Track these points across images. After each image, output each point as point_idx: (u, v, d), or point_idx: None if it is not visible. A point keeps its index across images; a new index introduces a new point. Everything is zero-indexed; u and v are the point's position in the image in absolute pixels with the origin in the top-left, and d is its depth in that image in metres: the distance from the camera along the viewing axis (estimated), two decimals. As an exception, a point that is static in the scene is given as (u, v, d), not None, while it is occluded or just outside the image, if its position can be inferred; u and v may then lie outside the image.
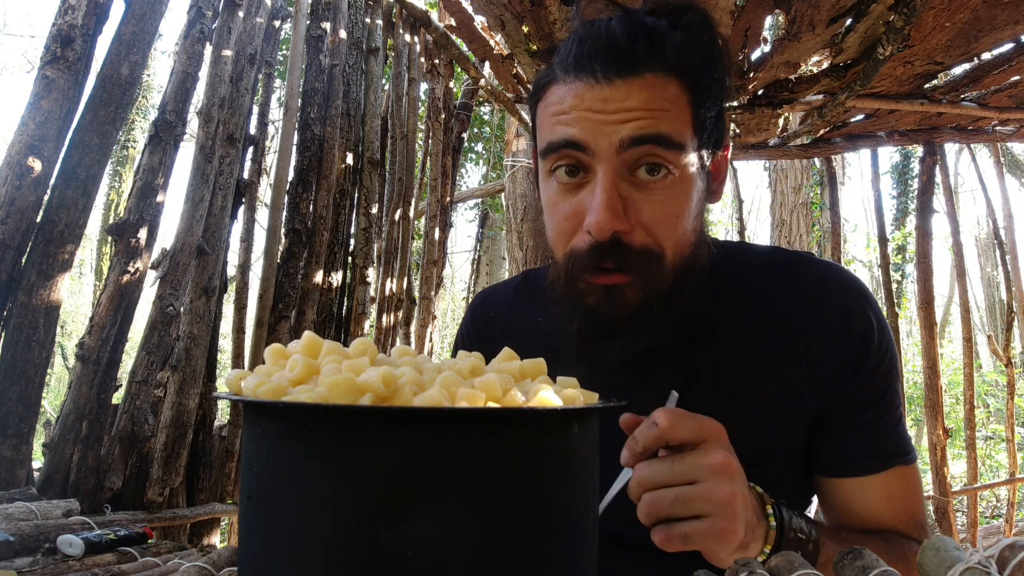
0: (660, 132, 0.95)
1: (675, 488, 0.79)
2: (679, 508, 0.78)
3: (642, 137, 0.94)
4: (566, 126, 0.97)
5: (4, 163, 1.88)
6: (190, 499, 2.51)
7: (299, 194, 3.08)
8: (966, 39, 2.72)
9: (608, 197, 0.94)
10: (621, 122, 0.94)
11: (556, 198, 1.03)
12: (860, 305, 1.08)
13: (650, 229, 0.97)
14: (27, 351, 1.86)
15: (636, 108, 0.94)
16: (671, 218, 0.98)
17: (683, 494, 0.78)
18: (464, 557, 0.49)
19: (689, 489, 0.78)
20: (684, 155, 0.98)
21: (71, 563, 1.04)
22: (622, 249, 0.95)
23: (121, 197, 12.21)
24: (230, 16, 2.62)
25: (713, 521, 0.78)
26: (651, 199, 0.97)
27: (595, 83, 0.96)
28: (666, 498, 0.79)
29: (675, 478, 0.79)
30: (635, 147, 0.94)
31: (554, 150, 0.99)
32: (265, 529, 0.53)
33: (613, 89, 0.95)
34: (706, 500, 0.78)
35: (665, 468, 0.80)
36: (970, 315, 5.03)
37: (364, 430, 0.50)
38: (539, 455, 0.53)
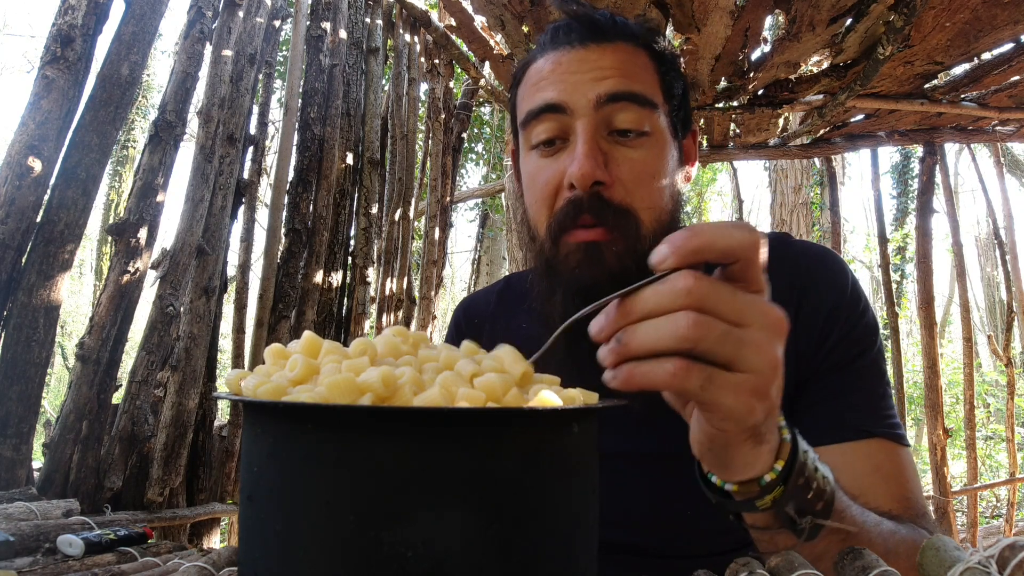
0: (634, 90, 1.00)
1: (728, 324, 0.61)
2: (723, 348, 0.60)
3: (617, 93, 0.99)
4: (544, 91, 1.03)
5: (4, 163, 1.88)
6: (190, 499, 2.51)
7: (299, 194, 3.08)
8: (966, 39, 2.72)
9: (589, 147, 0.98)
10: (597, 80, 1.00)
11: (536, 169, 1.06)
12: (835, 275, 1.08)
13: (628, 187, 0.99)
14: (27, 351, 1.86)
15: (610, 67, 1.01)
16: (648, 177, 1.01)
17: (735, 336, 0.61)
18: (464, 557, 0.49)
19: (740, 331, 0.61)
20: (657, 116, 1.03)
21: (71, 563, 1.04)
22: (601, 203, 0.98)
23: (121, 197, 12.21)
24: (230, 16, 2.62)
25: (748, 379, 0.62)
26: (629, 156, 1.00)
27: (571, 48, 1.04)
28: (717, 329, 0.60)
29: (732, 311, 0.61)
30: (611, 103, 0.99)
31: (534, 116, 1.04)
32: (265, 529, 0.53)
33: (588, 51, 1.03)
34: (755, 352, 0.61)
35: (727, 291, 0.61)
36: (970, 315, 5.04)
37: (364, 430, 0.50)
38: (539, 455, 0.53)
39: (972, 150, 6.27)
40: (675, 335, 0.60)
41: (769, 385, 0.63)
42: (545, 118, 1.02)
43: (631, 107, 1.00)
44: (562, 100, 1.01)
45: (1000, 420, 9.81)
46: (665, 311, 0.61)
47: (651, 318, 0.61)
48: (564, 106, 1.00)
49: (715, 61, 2.95)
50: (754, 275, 0.64)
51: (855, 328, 1.04)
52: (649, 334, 0.61)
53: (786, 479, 0.70)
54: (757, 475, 0.70)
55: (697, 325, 0.60)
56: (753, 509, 0.72)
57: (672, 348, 0.60)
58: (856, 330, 1.04)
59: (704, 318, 0.60)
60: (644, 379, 0.61)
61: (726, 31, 2.68)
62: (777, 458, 0.71)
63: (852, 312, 1.05)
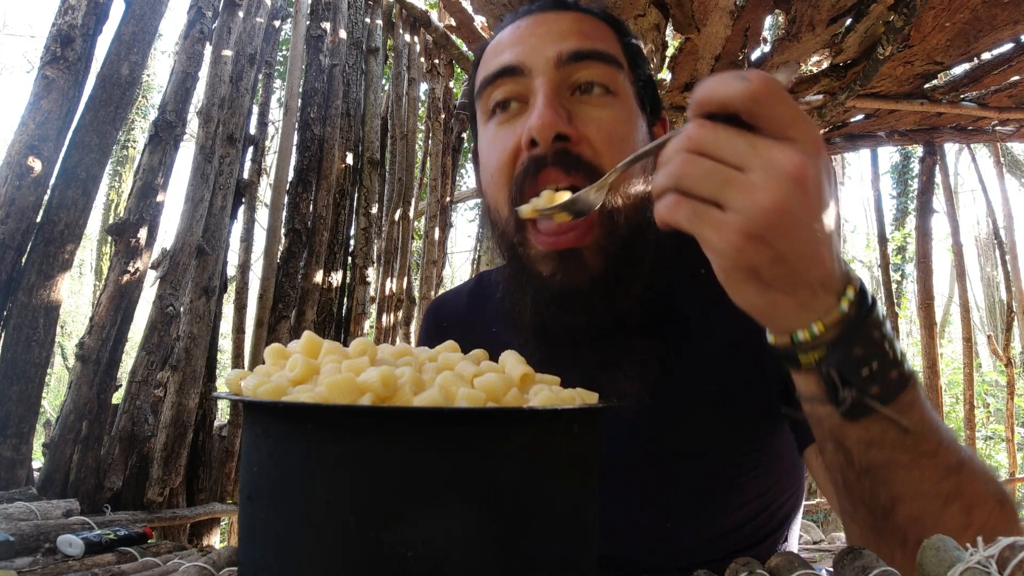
0: (596, 48, 0.94)
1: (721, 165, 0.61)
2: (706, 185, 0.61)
3: (580, 51, 0.92)
4: (501, 55, 0.96)
5: (4, 163, 1.88)
6: (190, 499, 2.51)
7: (299, 194, 3.08)
8: (966, 39, 2.72)
9: (549, 100, 0.89)
10: (557, 40, 0.93)
11: (492, 139, 0.97)
12: None
13: (596, 146, 0.90)
14: (27, 351, 1.86)
15: (570, 30, 0.95)
16: (617, 139, 0.92)
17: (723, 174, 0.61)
18: (464, 557, 0.49)
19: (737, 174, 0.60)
20: (621, 77, 0.96)
21: (71, 563, 1.03)
22: (567, 158, 0.88)
23: (121, 197, 12.20)
24: (230, 16, 2.62)
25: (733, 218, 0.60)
26: (595, 115, 0.92)
27: (530, 16, 0.98)
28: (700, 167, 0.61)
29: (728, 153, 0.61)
30: (573, 63, 0.92)
31: (489, 82, 0.96)
32: (265, 529, 0.53)
33: (547, 15, 0.97)
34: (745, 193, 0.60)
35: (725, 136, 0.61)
36: (970, 315, 5.04)
37: (364, 430, 0.50)
38: (539, 455, 0.53)
39: (972, 150, 6.28)
40: (667, 173, 0.63)
41: (763, 228, 0.59)
42: (501, 82, 0.95)
43: (595, 64, 0.93)
44: (519, 61, 0.93)
45: (1000, 420, 9.80)
46: (671, 157, 0.63)
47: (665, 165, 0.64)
48: (522, 67, 0.93)
49: (715, 61, 2.95)
50: (769, 120, 0.61)
51: None
52: (656, 177, 0.64)
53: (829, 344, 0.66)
54: (789, 329, 0.67)
55: (683, 163, 0.61)
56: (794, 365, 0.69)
57: (664, 185, 0.63)
58: None
59: (691, 157, 0.61)
60: (656, 216, 0.64)
61: (726, 31, 2.68)
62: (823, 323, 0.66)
63: None
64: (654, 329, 0.95)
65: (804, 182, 0.60)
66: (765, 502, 1.04)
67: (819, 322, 0.65)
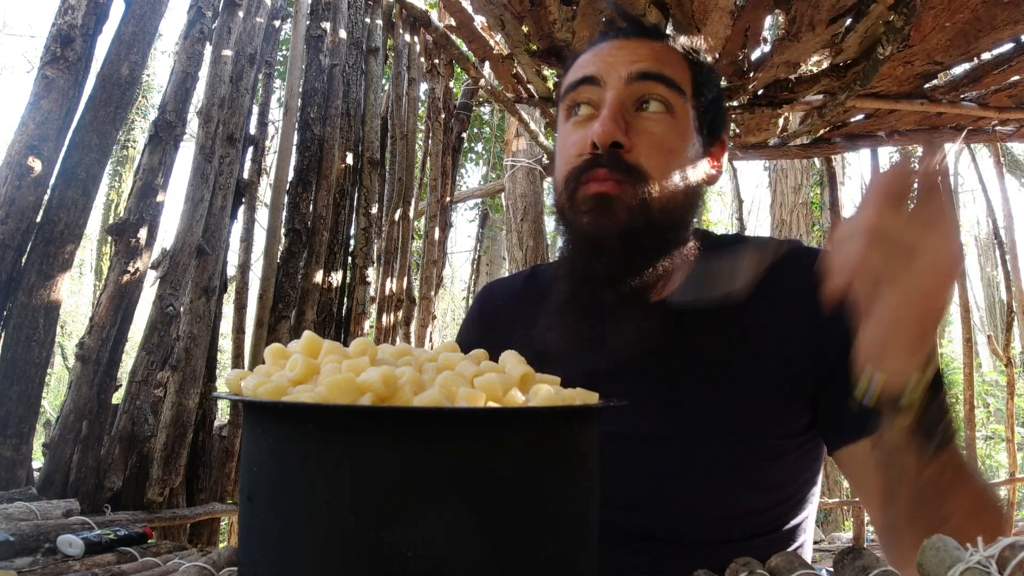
0: (664, 72, 1.09)
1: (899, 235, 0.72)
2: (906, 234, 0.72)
3: (648, 72, 1.08)
4: (584, 69, 1.13)
5: (4, 163, 1.88)
6: (190, 499, 2.51)
7: (299, 194, 3.08)
8: (966, 39, 2.72)
9: (614, 111, 1.05)
10: (631, 62, 1.09)
11: (566, 135, 1.14)
12: None
13: (644, 153, 1.05)
14: (27, 351, 1.87)
15: (645, 55, 1.10)
16: (664, 149, 1.07)
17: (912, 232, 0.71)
18: (464, 557, 0.49)
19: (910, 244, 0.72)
20: (684, 101, 1.10)
21: (71, 563, 1.04)
22: (616, 161, 1.04)
23: (121, 197, 12.22)
24: (230, 16, 2.62)
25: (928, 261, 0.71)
26: (649, 128, 1.07)
27: (615, 39, 1.14)
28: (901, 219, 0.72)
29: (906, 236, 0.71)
30: (641, 81, 1.08)
31: (571, 88, 1.13)
32: (265, 529, 0.54)
33: (628, 41, 1.14)
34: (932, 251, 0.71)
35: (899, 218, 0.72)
36: (970, 315, 5.03)
37: (364, 430, 0.50)
38: (539, 455, 0.53)
39: (972, 150, 6.28)
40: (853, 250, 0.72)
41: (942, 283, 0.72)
42: (580, 89, 1.12)
43: (659, 86, 1.08)
44: (597, 73, 1.10)
45: (1000, 420, 9.82)
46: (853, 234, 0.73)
47: None
48: (598, 78, 1.09)
49: (715, 61, 2.95)
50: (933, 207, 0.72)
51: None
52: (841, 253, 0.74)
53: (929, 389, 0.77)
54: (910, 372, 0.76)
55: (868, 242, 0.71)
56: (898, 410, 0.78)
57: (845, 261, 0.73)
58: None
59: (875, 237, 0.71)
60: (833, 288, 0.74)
61: (726, 31, 2.68)
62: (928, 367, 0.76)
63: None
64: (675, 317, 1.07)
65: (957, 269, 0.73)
66: (788, 492, 1.11)
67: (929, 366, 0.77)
